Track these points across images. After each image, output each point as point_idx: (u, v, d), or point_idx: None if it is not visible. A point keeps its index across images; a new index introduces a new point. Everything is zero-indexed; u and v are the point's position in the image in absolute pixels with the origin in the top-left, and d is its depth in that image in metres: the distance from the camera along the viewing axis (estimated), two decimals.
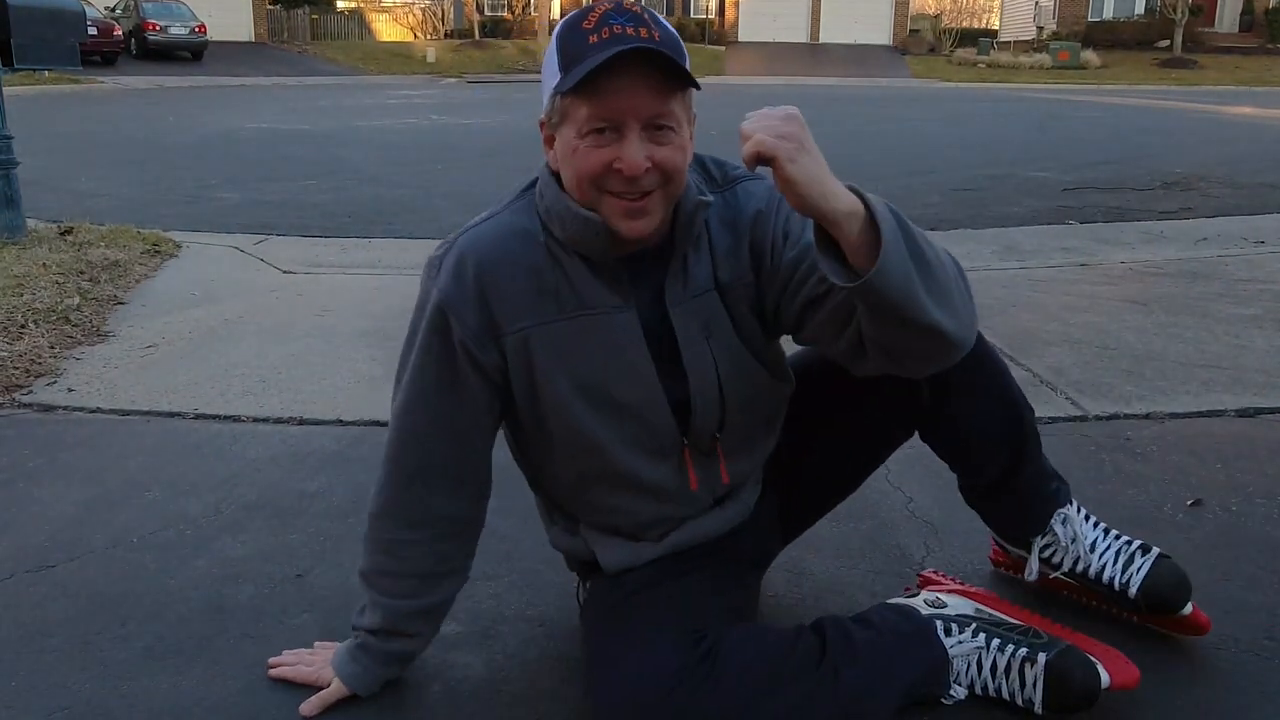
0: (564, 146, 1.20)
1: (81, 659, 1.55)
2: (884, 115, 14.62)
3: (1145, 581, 1.52)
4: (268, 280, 4.23)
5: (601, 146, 1.16)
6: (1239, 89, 21.66)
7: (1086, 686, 1.35)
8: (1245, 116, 13.96)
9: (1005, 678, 1.39)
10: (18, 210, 4.44)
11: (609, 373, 1.29)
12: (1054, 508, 1.57)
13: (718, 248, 1.31)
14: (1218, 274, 4.11)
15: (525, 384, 1.31)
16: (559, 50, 1.17)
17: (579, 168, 1.18)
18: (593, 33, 1.15)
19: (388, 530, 1.40)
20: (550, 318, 1.27)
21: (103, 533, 1.96)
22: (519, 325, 1.27)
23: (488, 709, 1.44)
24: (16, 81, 16.34)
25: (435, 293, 1.28)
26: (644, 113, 1.16)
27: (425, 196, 6.93)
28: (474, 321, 1.27)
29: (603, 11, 1.16)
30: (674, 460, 1.36)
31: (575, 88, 1.13)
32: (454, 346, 1.28)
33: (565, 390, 1.29)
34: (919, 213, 6.00)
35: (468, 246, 1.28)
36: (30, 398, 2.74)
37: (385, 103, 16.79)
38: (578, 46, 1.15)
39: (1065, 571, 1.59)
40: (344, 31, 33.80)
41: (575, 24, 1.17)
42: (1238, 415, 2.55)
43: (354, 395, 2.76)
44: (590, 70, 1.11)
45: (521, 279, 1.27)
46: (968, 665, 1.40)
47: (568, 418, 1.31)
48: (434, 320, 1.29)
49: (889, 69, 28.59)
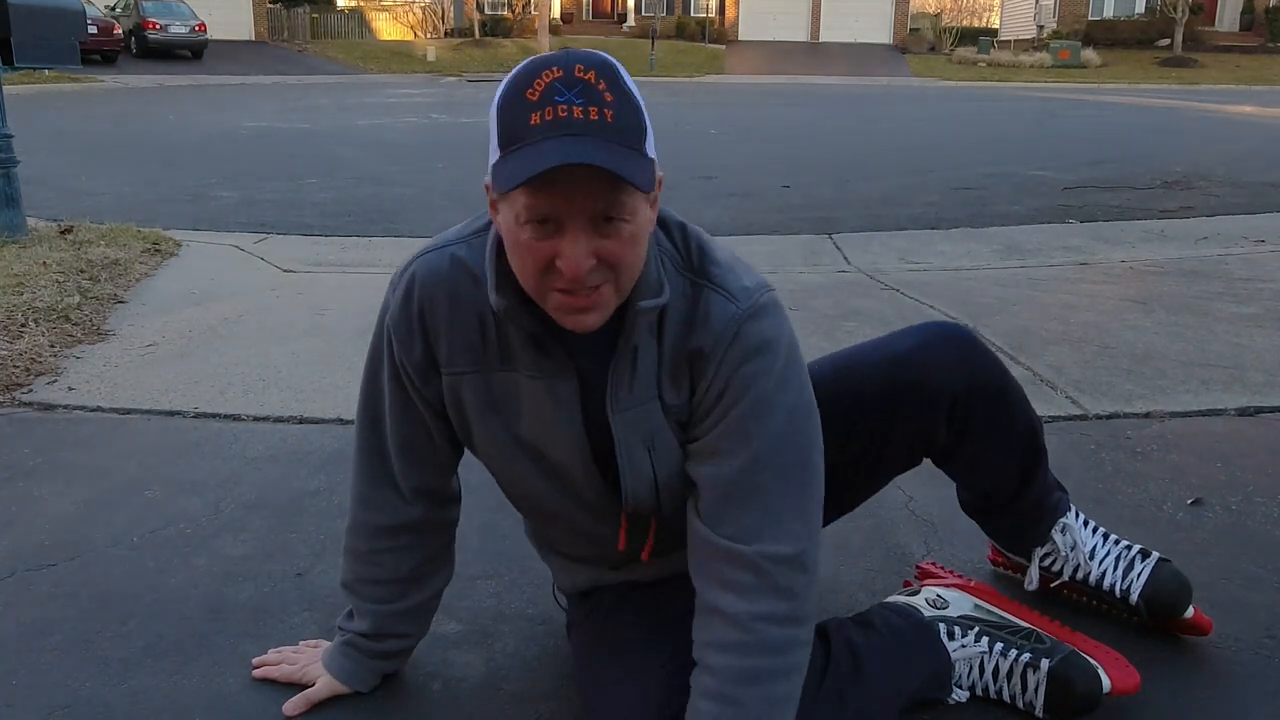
0: (505, 225, 1.07)
1: (81, 658, 1.55)
2: (884, 114, 14.62)
3: (1146, 588, 1.53)
4: (268, 279, 4.23)
5: (542, 240, 1.03)
6: (1239, 88, 21.67)
7: (1088, 692, 1.35)
8: (1246, 115, 13.95)
9: (1007, 681, 1.40)
10: (18, 209, 4.44)
11: (544, 435, 1.22)
12: (1054, 519, 1.57)
13: (667, 350, 1.17)
14: (1218, 273, 4.11)
15: (460, 423, 1.27)
16: (498, 120, 1.04)
17: (521, 260, 1.07)
18: (535, 109, 1.00)
19: (364, 540, 1.40)
20: (488, 367, 1.20)
21: (103, 532, 1.96)
22: (454, 369, 1.22)
23: (488, 709, 1.44)
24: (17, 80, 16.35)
25: (387, 313, 1.26)
26: (588, 210, 1.02)
27: (425, 195, 6.93)
28: (417, 354, 1.23)
29: (549, 81, 1.00)
30: (609, 521, 1.29)
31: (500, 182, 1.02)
32: (397, 365, 1.26)
33: (499, 438, 1.25)
34: (919, 212, 6.00)
35: (420, 275, 1.22)
36: (30, 396, 2.74)
37: (385, 101, 16.79)
38: (517, 124, 1.01)
39: (1065, 580, 1.59)
40: (344, 30, 33.82)
41: (518, 92, 1.02)
42: (1238, 414, 2.55)
43: (354, 394, 2.72)
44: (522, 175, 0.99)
45: (462, 323, 1.20)
46: (970, 669, 1.41)
47: (501, 463, 1.28)
48: (381, 337, 1.28)
49: (889, 68, 28.59)
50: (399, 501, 1.36)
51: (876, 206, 6.29)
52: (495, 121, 1.04)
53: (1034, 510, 1.57)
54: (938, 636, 1.41)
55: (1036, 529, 1.58)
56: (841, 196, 6.76)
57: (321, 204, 6.49)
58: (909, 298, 3.67)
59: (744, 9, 34.83)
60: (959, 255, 4.70)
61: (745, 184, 7.21)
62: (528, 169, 0.98)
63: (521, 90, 1.01)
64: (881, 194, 6.86)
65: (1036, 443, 1.51)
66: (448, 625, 1.63)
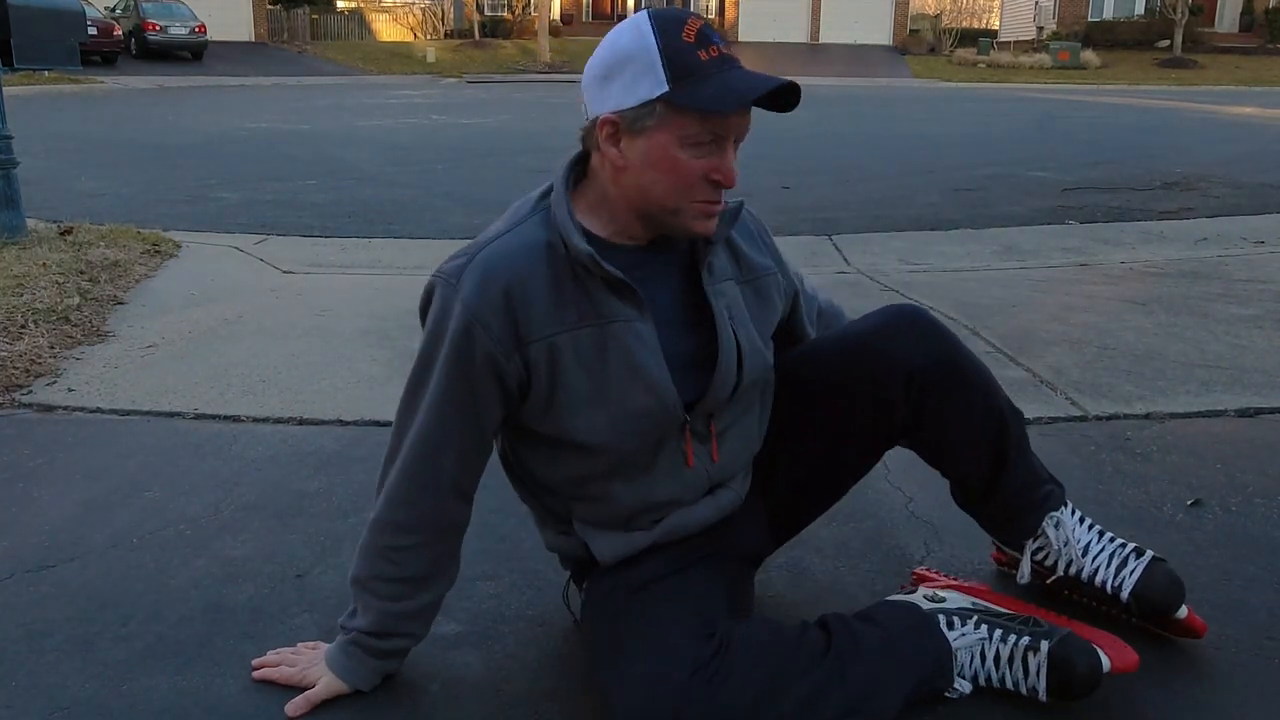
0: (653, 150, 1.23)
1: (81, 659, 1.55)
2: (884, 115, 14.63)
3: (1138, 585, 1.52)
4: (268, 280, 4.23)
5: (701, 157, 1.23)
6: (1239, 89, 21.67)
7: (1090, 671, 1.35)
8: (1245, 116, 13.96)
9: (1009, 668, 1.40)
10: (18, 210, 4.44)
11: (626, 378, 1.31)
12: (1046, 511, 1.57)
13: (737, 245, 1.45)
14: (1218, 274, 4.11)
15: (544, 389, 1.32)
16: (665, 60, 1.20)
17: (673, 178, 1.24)
18: (700, 48, 1.21)
19: (391, 537, 1.40)
20: (573, 325, 1.29)
21: (102, 532, 1.96)
22: (545, 333, 1.29)
23: (488, 709, 1.44)
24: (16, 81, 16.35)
25: (459, 306, 1.28)
26: (741, 132, 1.27)
27: (425, 197, 6.93)
28: (500, 332, 1.28)
29: (699, 26, 1.22)
30: (671, 444, 1.38)
31: (689, 108, 1.20)
32: (476, 360, 1.29)
33: (582, 393, 1.31)
34: (919, 213, 6.01)
35: (491, 260, 1.29)
36: (30, 398, 2.74)
37: (385, 103, 16.80)
38: (688, 60, 1.20)
39: (1059, 574, 1.58)
40: (344, 31, 33.81)
41: (673, 33, 1.21)
42: (1238, 415, 2.55)
43: (354, 395, 2.76)
44: (737, 96, 1.20)
45: (545, 290, 1.28)
46: (971, 657, 1.41)
47: (578, 419, 1.33)
48: (458, 334, 1.29)
49: (889, 69, 28.60)
50: (435, 500, 1.38)
51: (876, 207, 6.29)
52: (659, 59, 1.20)
53: (1021, 500, 1.57)
54: (937, 625, 1.42)
55: (1025, 520, 1.57)
56: (841, 197, 6.76)
57: (321, 205, 6.50)
58: (909, 298, 3.67)
59: (743, 10, 34.83)
60: (959, 256, 4.70)
61: (745, 184, 7.13)
62: (740, 93, 1.20)
63: (676, 33, 1.21)
64: (881, 195, 6.86)
65: (1006, 426, 1.52)
66: (447, 626, 1.63)
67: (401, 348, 3.18)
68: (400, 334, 3.33)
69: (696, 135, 1.22)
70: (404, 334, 3.33)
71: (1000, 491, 1.55)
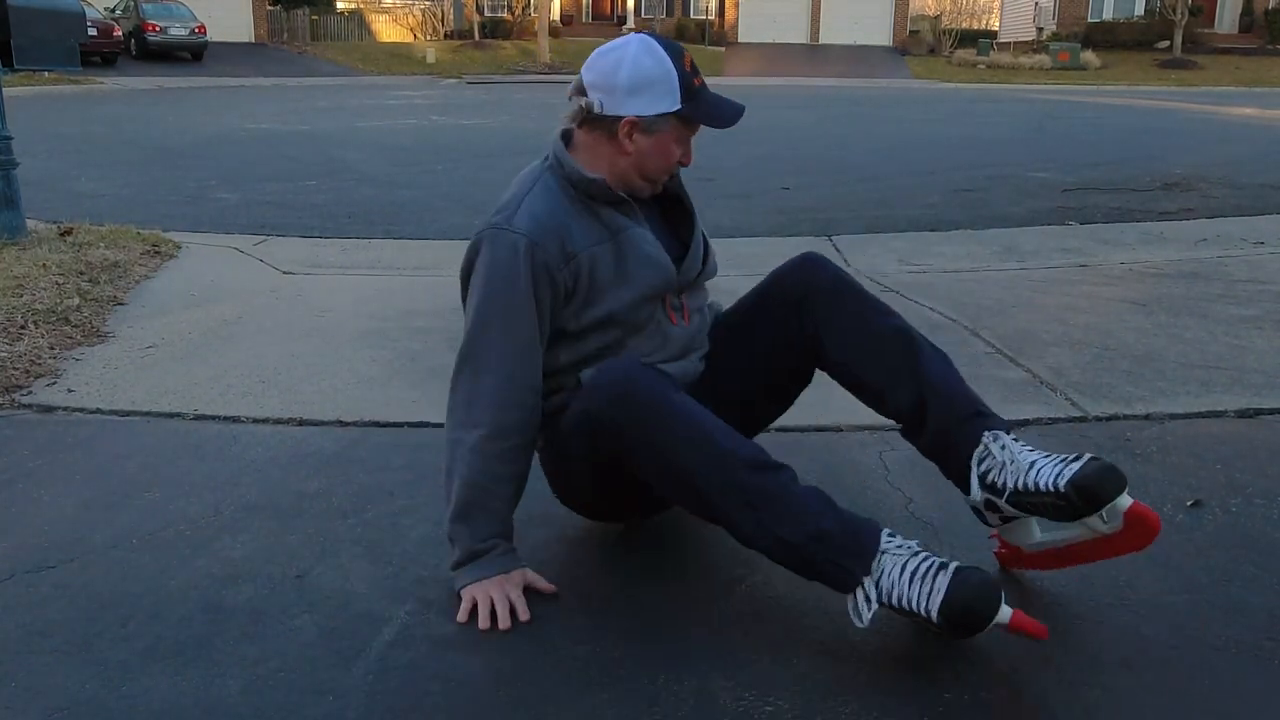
0: (658, 144, 1.71)
1: (81, 659, 1.55)
2: (884, 116, 14.63)
3: (1075, 475, 1.51)
4: (267, 281, 4.23)
5: (680, 148, 1.75)
6: (1239, 89, 21.68)
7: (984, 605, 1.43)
8: (1245, 117, 13.97)
9: (919, 584, 1.45)
10: (18, 211, 4.44)
11: (640, 264, 1.74)
12: (986, 426, 1.64)
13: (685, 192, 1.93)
14: (1218, 275, 4.11)
15: (586, 284, 1.72)
16: (679, 82, 1.68)
17: (662, 160, 1.74)
18: (694, 76, 1.71)
19: (503, 442, 1.67)
20: (598, 241, 1.72)
21: (102, 533, 1.96)
22: (582, 248, 1.70)
23: (488, 709, 1.44)
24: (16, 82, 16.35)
25: (520, 238, 1.66)
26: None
27: (425, 197, 6.93)
28: (554, 249, 1.68)
29: (691, 58, 1.73)
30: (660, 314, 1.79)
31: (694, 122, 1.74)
32: (538, 273, 1.66)
33: (610, 279, 1.73)
34: (918, 214, 6.01)
35: (534, 205, 1.70)
36: (30, 398, 2.74)
37: (385, 103, 16.80)
38: (690, 85, 1.69)
39: (1009, 495, 1.57)
40: (344, 32, 33.81)
41: (680, 63, 1.68)
42: (1238, 416, 2.55)
43: (354, 396, 2.76)
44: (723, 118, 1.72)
45: (574, 219, 1.71)
46: (894, 565, 1.48)
47: (612, 302, 1.73)
48: (524, 256, 1.65)
49: (889, 70, 28.61)
50: (531, 398, 1.70)
51: (876, 208, 6.30)
52: (675, 82, 1.67)
53: (960, 411, 1.66)
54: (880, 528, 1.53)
55: (965, 430, 1.64)
56: (841, 198, 6.76)
57: (321, 205, 6.50)
58: (909, 299, 3.66)
59: (744, 11, 34.86)
60: (959, 257, 4.70)
61: (745, 185, 7.21)
62: (728, 117, 1.72)
63: (679, 63, 1.68)
64: (881, 195, 6.86)
65: (914, 342, 1.71)
66: (446, 626, 1.63)
67: (401, 348, 3.18)
68: (400, 334, 3.33)
69: (684, 136, 1.74)
70: (404, 334, 3.33)
71: (935, 409, 1.66)
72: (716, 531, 1.62)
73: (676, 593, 1.75)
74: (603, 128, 1.70)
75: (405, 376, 2.92)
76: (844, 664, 1.53)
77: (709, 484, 1.55)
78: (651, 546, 1.91)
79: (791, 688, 1.47)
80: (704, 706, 1.44)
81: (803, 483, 1.56)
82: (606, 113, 1.68)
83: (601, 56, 1.69)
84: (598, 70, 1.68)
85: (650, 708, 1.44)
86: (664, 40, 1.69)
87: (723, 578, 1.79)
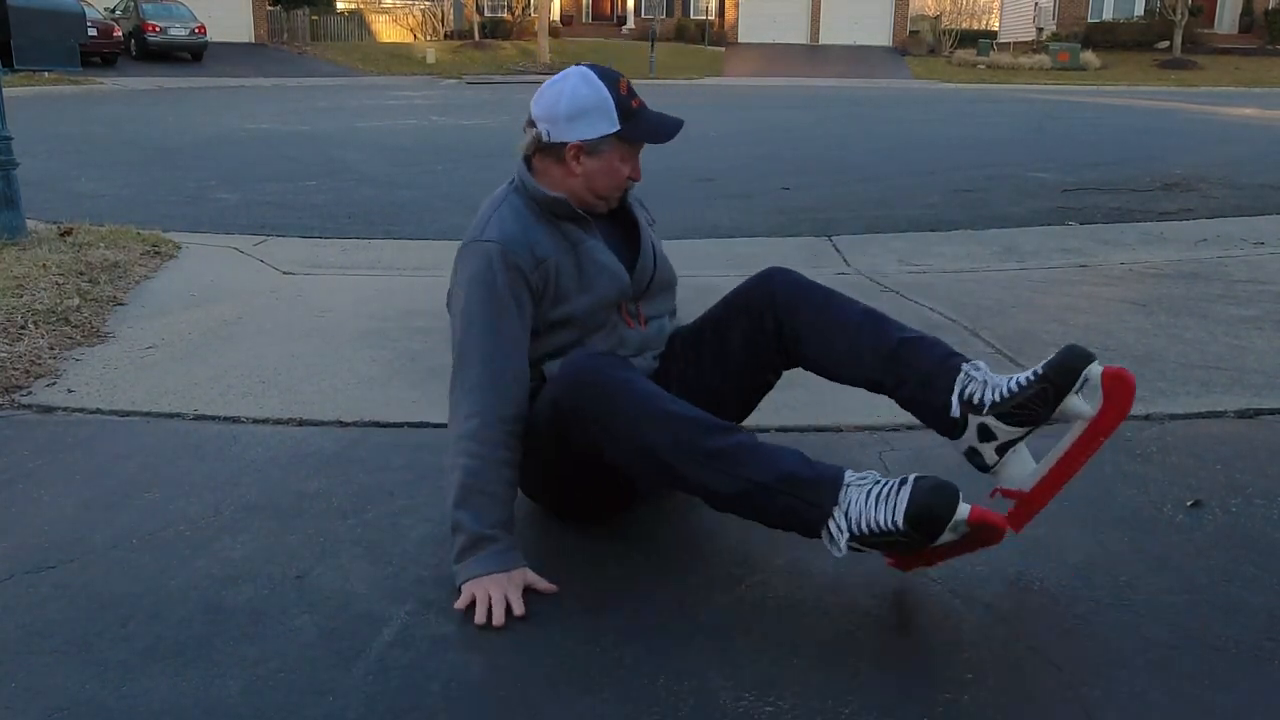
0: (604, 164, 1.86)
1: (81, 660, 1.55)
2: (884, 116, 14.63)
3: (1044, 364, 1.65)
4: (267, 281, 4.23)
5: (627, 165, 1.89)
6: (1238, 90, 21.68)
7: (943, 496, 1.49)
8: (1245, 118, 13.97)
9: (884, 504, 1.51)
10: (18, 211, 4.44)
11: (597, 272, 1.88)
12: (963, 360, 1.74)
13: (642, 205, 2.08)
14: (1218, 275, 4.11)
15: (553, 289, 1.85)
16: (616, 105, 1.83)
17: (612, 178, 1.88)
18: (631, 98, 1.85)
19: (502, 429, 1.75)
20: (560, 251, 1.87)
21: (102, 533, 1.96)
22: (548, 255, 1.85)
23: (488, 709, 1.44)
24: (16, 82, 16.36)
25: (492, 245, 1.81)
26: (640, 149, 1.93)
27: (425, 198, 6.94)
28: (525, 254, 1.82)
29: (627, 82, 1.88)
30: (615, 317, 1.92)
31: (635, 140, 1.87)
32: (514, 275, 1.80)
33: (574, 286, 1.87)
34: (918, 214, 6.01)
35: (504, 221, 1.85)
36: (30, 399, 2.74)
37: (385, 104, 16.80)
38: (627, 106, 1.84)
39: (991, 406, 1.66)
40: (344, 32, 33.81)
41: (614, 88, 1.84)
42: (1237, 416, 2.55)
43: (353, 396, 2.76)
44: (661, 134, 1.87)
45: (538, 231, 1.86)
46: (860, 494, 1.54)
47: (574, 306, 1.86)
48: (500, 263, 1.80)
49: (889, 70, 28.61)
50: (520, 387, 1.80)
51: (876, 208, 6.30)
52: (611, 105, 1.82)
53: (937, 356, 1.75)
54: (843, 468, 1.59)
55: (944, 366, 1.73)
56: (841, 198, 6.76)
57: (321, 206, 6.50)
58: (908, 300, 3.67)
59: (744, 11, 34.87)
60: (958, 257, 4.70)
61: (745, 186, 7.21)
62: (667, 132, 1.86)
63: (615, 88, 1.84)
64: (881, 196, 6.86)
65: (882, 320, 1.80)
66: (446, 626, 1.64)
67: (401, 348, 3.18)
68: (400, 335, 3.33)
69: (627, 155, 1.88)
70: (404, 335, 3.33)
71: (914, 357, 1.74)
72: (716, 531, 1.62)
73: (676, 593, 1.75)
74: (552, 154, 1.87)
75: (405, 376, 2.92)
76: (844, 664, 1.53)
77: (676, 453, 1.62)
78: (650, 546, 1.91)
79: (791, 688, 1.48)
80: (704, 706, 1.44)
81: None
82: (553, 140, 1.85)
83: (545, 91, 1.87)
84: (542, 104, 1.86)
85: (650, 708, 1.44)
86: (601, 69, 1.86)
87: (722, 577, 1.79)
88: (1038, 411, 1.64)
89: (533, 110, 1.88)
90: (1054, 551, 1.85)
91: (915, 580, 1.76)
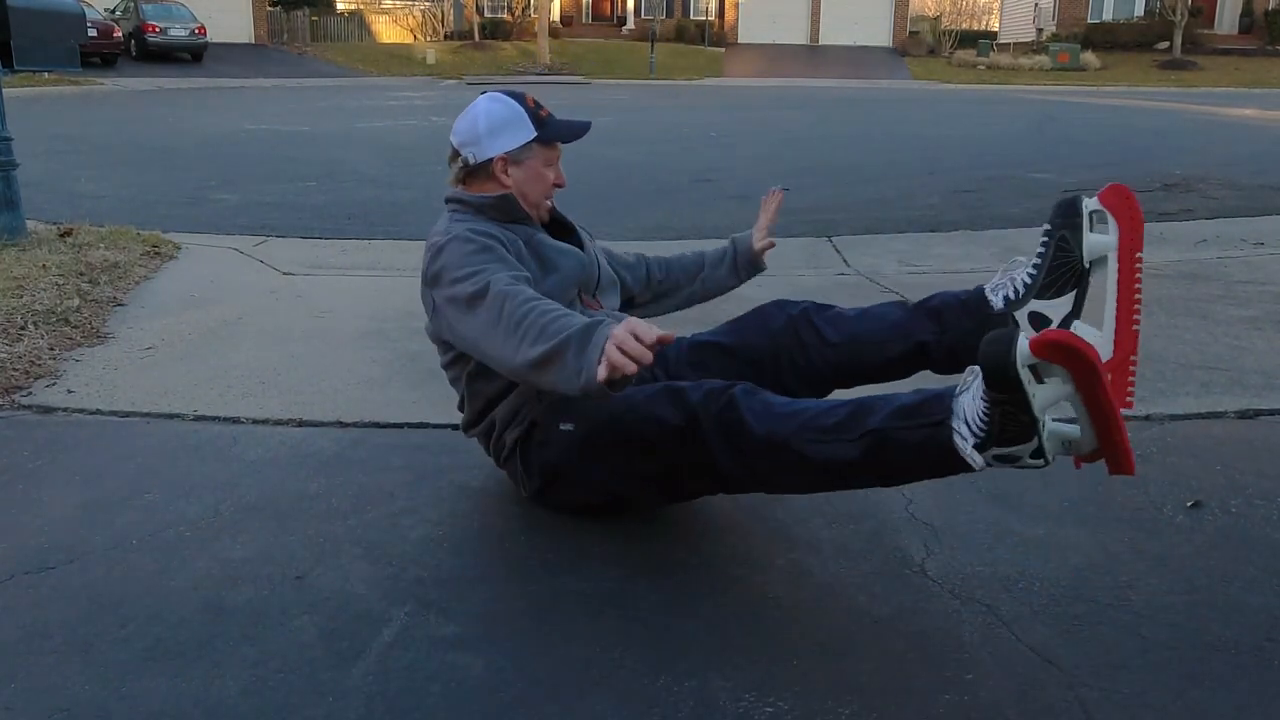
0: (530, 172, 1.98)
1: (81, 660, 1.55)
2: (884, 117, 14.63)
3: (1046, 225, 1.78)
4: (267, 281, 4.23)
5: (550, 170, 2.01)
6: (1238, 90, 21.68)
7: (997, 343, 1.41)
8: (1245, 118, 13.96)
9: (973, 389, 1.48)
10: (18, 212, 4.44)
11: (557, 255, 1.97)
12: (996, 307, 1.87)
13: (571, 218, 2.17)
14: (1218, 276, 4.11)
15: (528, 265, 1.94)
16: (531, 119, 1.97)
17: (541, 184, 2.00)
18: (539, 109, 2.01)
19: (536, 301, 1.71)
20: (519, 244, 1.93)
21: (102, 534, 1.96)
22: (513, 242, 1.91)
23: (488, 709, 1.44)
24: (16, 83, 16.35)
25: (464, 229, 1.88)
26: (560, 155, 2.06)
27: (425, 199, 6.93)
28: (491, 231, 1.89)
29: (533, 97, 2.02)
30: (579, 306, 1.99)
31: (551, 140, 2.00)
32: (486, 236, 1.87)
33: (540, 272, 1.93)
34: (918, 214, 6.01)
35: (458, 223, 1.92)
36: (30, 399, 2.74)
37: (385, 104, 16.80)
38: (538, 116, 1.99)
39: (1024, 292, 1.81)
40: (344, 33, 33.80)
41: (522, 102, 1.99)
42: (1237, 417, 2.55)
43: (353, 397, 2.76)
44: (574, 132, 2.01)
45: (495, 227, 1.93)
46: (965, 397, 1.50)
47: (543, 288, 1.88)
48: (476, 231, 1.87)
49: (889, 71, 28.62)
50: None
51: (875, 209, 6.30)
52: (525, 118, 1.97)
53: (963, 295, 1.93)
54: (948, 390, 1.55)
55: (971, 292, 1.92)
56: (841, 199, 6.76)
57: (321, 206, 6.50)
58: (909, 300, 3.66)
59: (743, 11, 34.86)
60: (958, 258, 4.70)
61: (744, 186, 7.21)
62: (577, 133, 2.01)
63: (523, 102, 1.99)
64: (880, 196, 6.86)
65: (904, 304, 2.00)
66: (446, 627, 1.64)
67: (401, 349, 3.18)
68: (400, 335, 3.33)
69: (549, 159, 2.01)
70: (404, 335, 3.33)
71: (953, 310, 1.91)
72: (716, 531, 1.62)
73: (676, 592, 1.75)
74: (481, 174, 1.98)
75: (405, 377, 2.92)
76: (844, 664, 1.53)
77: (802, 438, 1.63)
78: (650, 546, 1.91)
79: (791, 688, 1.48)
80: (704, 706, 1.44)
81: None
82: (479, 160, 1.96)
83: (460, 120, 1.99)
84: (461, 131, 1.98)
85: (650, 708, 1.44)
86: (506, 90, 2.02)
87: (722, 577, 1.79)
88: (1070, 268, 1.73)
89: (453, 141, 1.98)
90: (1054, 551, 1.85)
91: (915, 580, 1.76)
